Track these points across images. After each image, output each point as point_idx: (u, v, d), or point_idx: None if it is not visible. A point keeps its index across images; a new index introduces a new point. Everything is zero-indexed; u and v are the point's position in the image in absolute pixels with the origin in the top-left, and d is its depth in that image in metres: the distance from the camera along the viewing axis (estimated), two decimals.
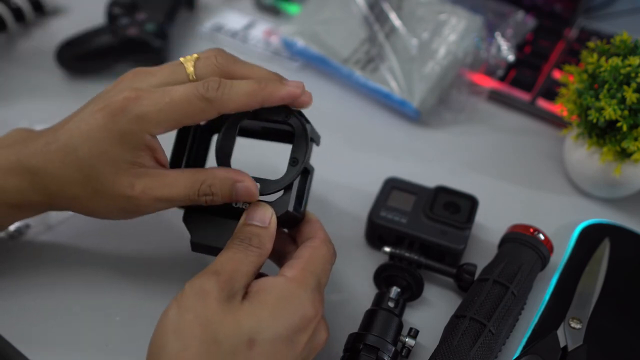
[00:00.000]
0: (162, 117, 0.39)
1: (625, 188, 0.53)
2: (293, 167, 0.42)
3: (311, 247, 0.40)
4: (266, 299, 0.36)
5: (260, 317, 0.35)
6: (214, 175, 0.40)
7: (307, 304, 0.37)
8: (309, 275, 0.38)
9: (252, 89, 0.40)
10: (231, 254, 0.38)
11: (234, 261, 0.37)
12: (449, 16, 0.64)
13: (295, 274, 0.38)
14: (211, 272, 0.36)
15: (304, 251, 0.40)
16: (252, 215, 0.40)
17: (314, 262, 0.39)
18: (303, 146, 0.43)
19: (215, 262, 0.37)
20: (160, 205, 0.41)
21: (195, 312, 0.34)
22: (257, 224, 0.40)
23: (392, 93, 0.61)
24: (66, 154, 0.40)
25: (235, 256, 0.38)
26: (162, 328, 0.35)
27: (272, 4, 0.74)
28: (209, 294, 0.35)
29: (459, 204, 0.50)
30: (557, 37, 0.68)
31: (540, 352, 0.42)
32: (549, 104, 0.62)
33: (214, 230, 0.42)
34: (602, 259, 0.48)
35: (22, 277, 0.48)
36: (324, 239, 0.41)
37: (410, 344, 0.43)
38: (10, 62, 0.67)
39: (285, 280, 0.37)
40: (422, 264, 0.47)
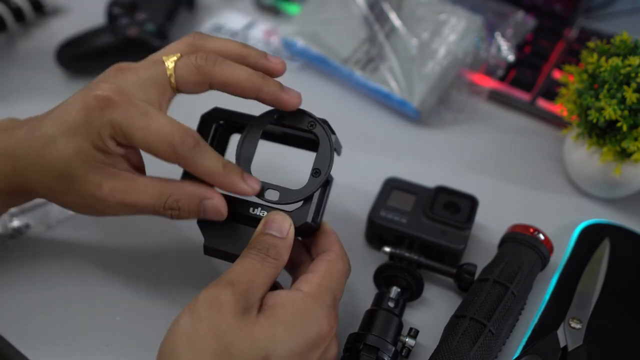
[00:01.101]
0: (133, 136, 0.39)
1: (625, 188, 0.53)
2: (315, 178, 0.42)
3: (327, 260, 0.40)
4: (282, 314, 0.35)
5: (275, 333, 0.34)
6: (182, 190, 0.40)
7: (323, 321, 0.36)
8: (325, 291, 0.37)
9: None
10: (248, 264, 0.37)
11: (250, 272, 0.36)
12: (449, 16, 0.64)
13: (312, 289, 0.37)
14: (227, 282, 0.35)
15: (320, 265, 0.39)
16: (270, 224, 0.39)
17: (330, 277, 0.39)
18: (327, 157, 0.42)
19: (231, 271, 0.36)
20: (126, 210, 0.40)
21: (209, 323, 0.34)
22: (275, 234, 0.39)
23: (392, 93, 0.61)
24: (46, 143, 0.39)
25: (251, 267, 0.37)
26: (174, 336, 0.34)
27: (272, 4, 0.74)
28: (224, 305, 0.34)
29: (459, 204, 0.50)
30: (557, 37, 0.68)
31: (540, 352, 0.42)
32: (549, 104, 0.62)
33: (229, 235, 0.42)
34: (602, 259, 0.48)
35: (22, 276, 0.48)
36: (340, 253, 0.41)
37: (410, 344, 0.43)
38: (10, 62, 0.67)
39: (302, 295, 0.37)
40: (422, 264, 0.47)
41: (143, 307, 0.46)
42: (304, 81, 0.67)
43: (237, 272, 0.36)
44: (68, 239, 0.51)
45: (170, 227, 0.52)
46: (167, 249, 0.50)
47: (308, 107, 0.65)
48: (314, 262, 0.40)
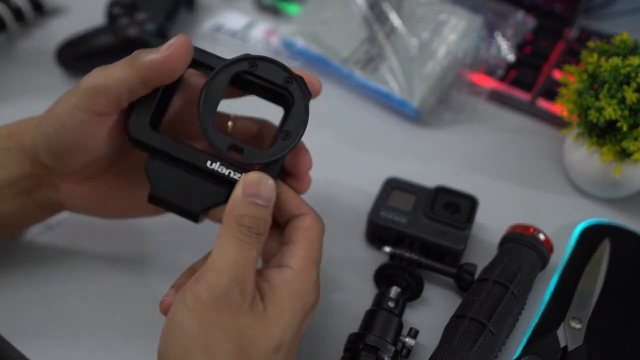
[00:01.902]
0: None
1: (625, 188, 0.53)
2: (284, 141, 0.38)
3: (305, 228, 0.38)
4: (283, 299, 0.35)
5: (284, 322, 0.35)
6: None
7: (312, 294, 0.37)
8: (311, 264, 0.37)
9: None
10: (242, 252, 0.34)
11: (245, 260, 0.34)
12: (449, 16, 0.64)
13: (299, 265, 0.37)
14: (230, 278, 0.33)
15: (299, 235, 0.38)
16: (254, 190, 0.35)
17: (312, 247, 0.38)
18: (300, 120, 0.38)
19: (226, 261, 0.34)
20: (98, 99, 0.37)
21: (223, 327, 0.33)
22: (261, 202, 0.35)
23: (392, 93, 0.61)
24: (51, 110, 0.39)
25: (248, 254, 0.34)
26: (186, 346, 0.33)
27: (272, 4, 0.74)
28: (232, 305, 0.33)
29: (459, 204, 0.50)
30: (557, 37, 0.68)
31: (540, 352, 0.42)
32: (549, 104, 0.62)
33: (180, 186, 0.38)
34: (602, 259, 0.48)
35: (22, 276, 0.48)
36: (313, 216, 0.39)
37: (410, 344, 0.43)
38: (10, 62, 0.67)
39: (293, 274, 0.36)
40: (422, 264, 0.47)
41: (143, 307, 0.46)
42: None
43: (235, 264, 0.34)
44: (68, 239, 0.50)
45: (170, 227, 0.52)
46: (168, 249, 0.50)
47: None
48: (290, 231, 0.38)
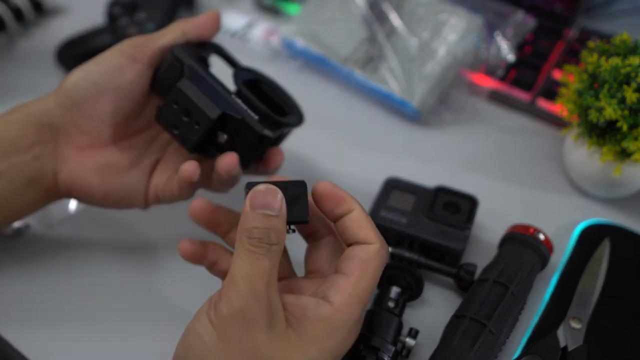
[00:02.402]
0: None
1: (625, 188, 0.53)
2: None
3: (364, 260, 0.35)
4: (312, 332, 0.33)
5: (308, 353, 0.33)
6: None
7: (350, 337, 0.35)
8: (357, 302, 0.35)
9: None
10: (256, 263, 0.33)
11: (258, 270, 0.33)
12: (449, 16, 0.64)
13: (342, 302, 0.34)
14: (248, 293, 0.32)
15: (354, 266, 0.35)
16: (260, 201, 0.34)
17: (363, 284, 0.35)
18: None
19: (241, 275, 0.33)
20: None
21: (241, 345, 0.32)
22: (269, 212, 0.34)
23: (392, 93, 0.61)
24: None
25: (261, 265, 0.33)
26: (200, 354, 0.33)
27: (272, 4, 0.74)
28: (253, 322, 0.32)
29: (459, 204, 0.50)
30: (557, 37, 0.68)
31: (540, 352, 0.42)
32: (549, 104, 0.62)
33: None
34: (602, 259, 0.48)
35: (22, 276, 0.48)
36: (378, 248, 0.36)
37: (411, 344, 0.43)
38: (10, 62, 0.67)
39: (331, 311, 0.34)
40: (422, 264, 0.47)
41: (143, 307, 0.46)
42: (304, 81, 0.67)
43: (249, 276, 0.33)
44: (68, 239, 0.51)
45: (171, 227, 0.52)
46: (168, 248, 0.50)
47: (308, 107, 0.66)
48: (346, 260, 0.36)
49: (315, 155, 0.59)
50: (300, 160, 0.58)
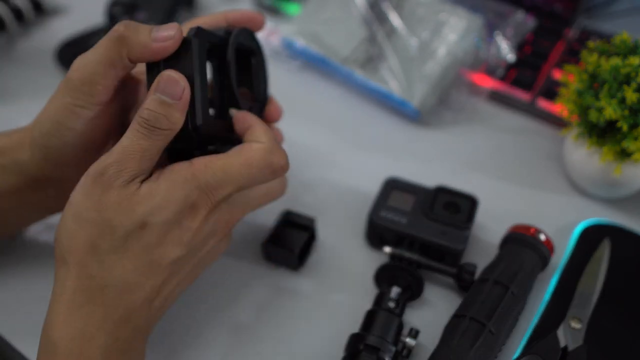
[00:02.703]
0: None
1: (625, 188, 0.53)
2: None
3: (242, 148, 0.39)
4: (162, 184, 0.37)
5: (153, 201, 0.36)
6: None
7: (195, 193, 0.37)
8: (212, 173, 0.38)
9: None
10: (136, 140, 0.36)
11: (133, 147, 0.36)
12: (449, 16, 0.64)
13: (200, 165, 0.38)
14: (114, 159, 0.36)
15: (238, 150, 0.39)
16: (162, 87, 0.37)
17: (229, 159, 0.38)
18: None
19: (119, 146, 0.36)
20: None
21: (93, 200, 0.35)
22: (167, 99, 0.37)
23: (392, 93, 0.61)
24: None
25: (140, 142, 0.36)
26: (65, 211, 0.36)
27: (272, 4, 0.74)
28: (107, 181, 0.36)
29: (459, 204, 0.50)
30: (557, 37, 0.68)
31: (541, 352, 0.42)
32: (549, 104, 0.62)
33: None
34: (602, 259, 0.48)
35: (22, 276, 0.48)
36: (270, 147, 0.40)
37: (411, 344, 0.43)
38: (10, 62, 0.67)
39: (188, 165, 0.38)
40: (423, 264, 0.47)
41: None
42: (304, 81, 0.67)
43: (124, 148, 0.36)
44: None
45: None
46: None
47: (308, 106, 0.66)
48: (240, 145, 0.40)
49: (315, 155, 0.59)
50: (299, 160, 0.58)
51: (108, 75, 0.38)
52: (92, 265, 0.35)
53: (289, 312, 0.47)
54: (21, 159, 0.42)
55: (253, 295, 0.48)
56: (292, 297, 0.48)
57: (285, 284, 0.48)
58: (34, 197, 0.44)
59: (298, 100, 0.65)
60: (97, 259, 0.35)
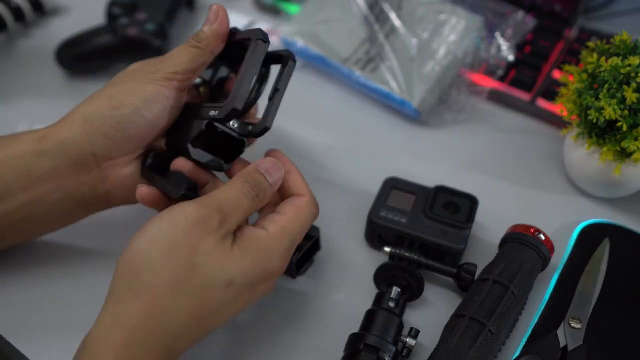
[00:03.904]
0: None
1: (625, 188, 0.53)
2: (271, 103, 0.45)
3: (296, 206, 0.42)
4: (250, 248, 0.38)
5: (243, 265, 0.38)
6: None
7: (277, 262, 0.40)
8: (287, 235, 0.40)
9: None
10: (238, 198, 0.39)
11: (239, 206, 0.39)
12: (449, 16, 0.64)
13: (276, 230, 0.40)
14: (217, 208, 0.38)
15: (288, 209, 0.42)
16: (269, 170, 0.42)
17: (294, 223, 0.41)
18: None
19: (222, 197, 0.39)
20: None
21: (191, 241, 0.36)
22: (270, 181, 0.42)
23: (392, 93, 0.61)
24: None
25: (241, 201, 0.39)
26: (154, 237, 0.36)
27: (272, 4, 0.74)
28: (210, 228, 0.37)
29: (459, 204, 0.50)
30: (557, 37, 0.68)
31: (540, 352, 0.42)
32: (549, 104, 0.62)
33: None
34: (602, 259, 0.48)
35: (22, 276, 0.48)
36: (309, 200, 0.43)
37: (411, 344, 0.43)
38: (10, 62, 0.67)
39: (266, 235, 0.40)
40: (423, 264, 0.47)
41: None
42: (304, 81, 0.67)
43: (226, 200, 0.39)
44: (69, 239, 0.51)
45: None
46: None
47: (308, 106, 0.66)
48: (283, 204, 0.42)
49: (315, 155, 0.59)
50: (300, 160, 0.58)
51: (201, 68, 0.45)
52: (168, 305, 0.35)
53: (289, 312, 0.47)
54: (67, 138, 0.43)
55: None
56: (292, 297, 0.48)
57: (285, 284, 0.48)
58: (71, 182, 0.44)
59: (298, 100, 0.65)
60: (176, 301, 0.36)
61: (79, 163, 0.43)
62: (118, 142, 0.44)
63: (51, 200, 0.44)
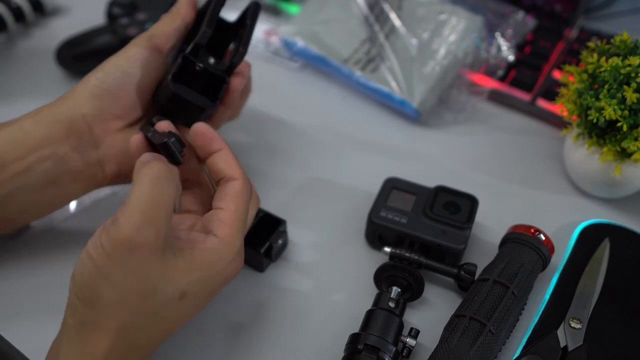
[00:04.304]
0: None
1: (625, 188, 0.53)
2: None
3: (235, 195, 0.41)
4: (200, 260, 0.38)
5: (194, 276, 0.37)
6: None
7: (233, 266, 0.40)
8: (236, 233, 0.40)
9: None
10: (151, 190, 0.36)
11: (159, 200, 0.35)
12: (449, 16, 0.64)
13: (225, 235, 0.39)
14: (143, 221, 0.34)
15: (228, 201, 0.41)
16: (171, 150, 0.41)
17: (239, 216, 0.40)
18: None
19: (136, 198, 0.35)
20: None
21: (131, 268, 0.35)
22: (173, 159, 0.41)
23: (392, 93, 0.61)
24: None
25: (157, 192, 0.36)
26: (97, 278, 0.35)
27: (272, 4, 0.74)
28: (144, 248, 0.35)
29: (459, 203, 0.50)
30: (557, 37, 0.68)
31: (540, 352, 0.42)
32: (549, 104, 0.62)
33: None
34: (602, 259, 0.48)
35: (22, 276, 0.48)
36: (244, 182, 0.42)
37: (411, 344, 0.43)
38: (10, 62, 0.67)
39: (217, 242, 0.39)
40: (423, 264, 0.47)
41: None
42: (304, 81, 0.67)
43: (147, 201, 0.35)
44: (68, 240, 0.51)
45: None
46: None
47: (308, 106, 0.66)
48: (219, 194, 0.41)
49: (315, 155, 0.59)
50: (299, 160, 0.58)
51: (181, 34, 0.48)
52: (133, 332, 0.36)
53: (288, 312, 0.47)
54: (58, 104, 0.45)
55: (252, 295, 0.48)
56: (292, 297, 0.48)
57: (285, 284, 0.48)
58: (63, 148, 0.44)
59: (298, 100, 0.65)
60: (138, 328, 0.36)
61: (71, 127, 0.44)
62: (105, 101, 0.45)
63: (43, 169, 0.44)
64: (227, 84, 0.48)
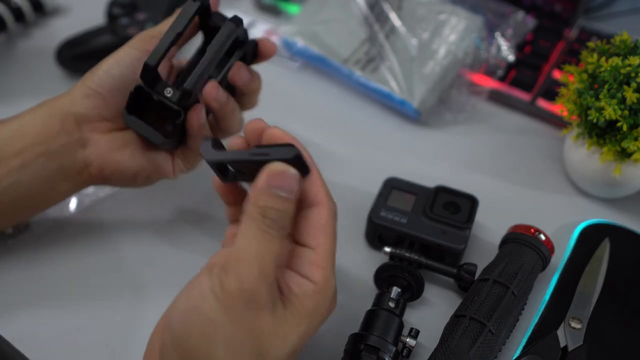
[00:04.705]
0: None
1: (625, 188, 0.53)
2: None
3: (323, 226, 0.36)
4: (302, 310, 0.35)
5: (300, 330, 0.34)
6: None
7: (331, 307, 0.37)
8: (332, 275, 0.36)
9: None
10: (267, 244, 0.33)
11: (269, 253, 0.33)
12: (449, 16, 0.64)
13: (321, 279, 0.35)
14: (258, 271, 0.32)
15: (317, 235, 0.36)
16: (279, 181, 0.34)
17: (333, 250, 0.37)
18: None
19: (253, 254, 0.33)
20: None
21: (248, 326, 0.32)
22: (284, 194, 0.34)
23: (392, 93, 0.61)
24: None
25: (272, 247, 0.33)
26: (209, 336, 0.32)
27: (272, 4, 0.74)
28: (260, 304, 0.32)
29: (459, 203, 0.50)
30: (557, 37, 0.68)
31: (540, 352, 0.42)
32: (549, 104, 0.62)
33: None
34: (602, 259, 0.48)
35: (22, 276, 0.48)
36: (330, 206, 0.37)
37: (411, 344, 0.43)
38: (10, 62, 0.67)
39: (315, 290, 0.35)
40: (423, 264, 0.47)
41: (143, 308, 0.46)
42: (304, 81, 0.67)
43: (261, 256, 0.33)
44: (68, 239, 0.51)
45: (173, 228, 0.52)
46: (169, 250, 0.50)
47: (308, 106, 0.66)
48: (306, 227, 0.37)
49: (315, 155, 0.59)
50: None
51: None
52: None
53: None
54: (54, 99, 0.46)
55: None
56: None
57: None
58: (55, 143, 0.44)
59: (298, 100, 0.65)
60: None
61: (63, 124, 0.45)
62: (94, 101, 0.45)
63: (36, 165, 0.44)
64: (182, 118, 0.44)
